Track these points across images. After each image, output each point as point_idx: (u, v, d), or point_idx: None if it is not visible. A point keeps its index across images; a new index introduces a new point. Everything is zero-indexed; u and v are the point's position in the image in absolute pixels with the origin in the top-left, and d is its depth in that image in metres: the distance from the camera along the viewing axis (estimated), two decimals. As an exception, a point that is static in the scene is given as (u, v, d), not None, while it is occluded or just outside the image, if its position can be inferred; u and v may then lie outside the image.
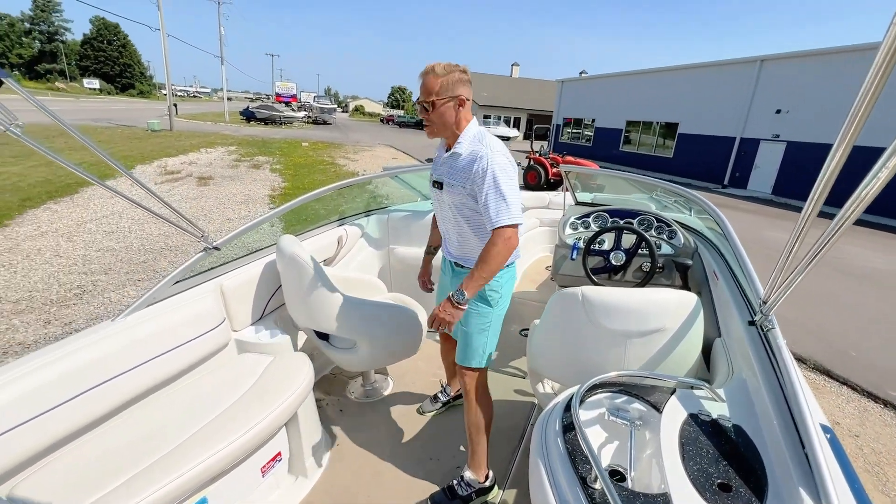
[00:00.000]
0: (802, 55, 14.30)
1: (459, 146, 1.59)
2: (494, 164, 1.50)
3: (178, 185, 9.66)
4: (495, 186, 1.49)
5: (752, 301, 1.43)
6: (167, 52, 21.09)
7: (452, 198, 1.63)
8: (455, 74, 1.53)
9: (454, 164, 1.61)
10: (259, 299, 2.10)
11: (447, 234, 1.79)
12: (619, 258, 2.42)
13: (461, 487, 1.80)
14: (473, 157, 1.54)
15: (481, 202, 1.52)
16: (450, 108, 1.55)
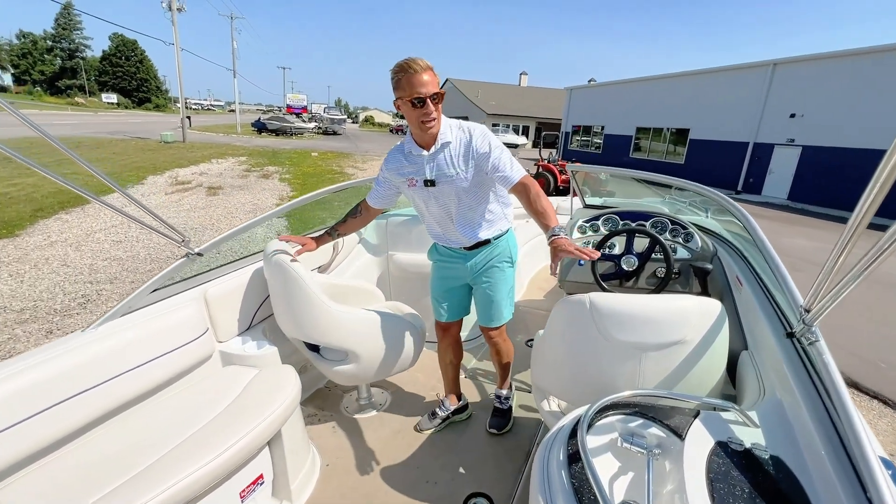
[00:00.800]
0: (817, 58, 14.03)
1: (445, 136, 1.69)
2: (486, 134, 1.69)
3: (187, 195, 9.73)
4: (500, 150, 1.68)
5: (785, 311, 1.28)
6: (181, 66, 21.52)
7: (454, 185, 1.72)
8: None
9: (448, 152, 1.70)
10: (247, 309, 1.99)
11: (457, 224, 1.83)
12: (631, 263, 2.27)
13: (503, 402, 2.23)
14: (466, 138, 1.69)
15: (492, 166, 1.66)
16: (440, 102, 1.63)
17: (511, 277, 1.97)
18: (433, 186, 1.74)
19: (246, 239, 6.52)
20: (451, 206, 1.79)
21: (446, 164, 1.70)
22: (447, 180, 1.71)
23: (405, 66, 1.53)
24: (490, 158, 1.66)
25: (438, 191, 1.75)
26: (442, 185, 1.73)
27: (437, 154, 1.71)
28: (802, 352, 1.05)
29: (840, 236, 0.85)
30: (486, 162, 1.67)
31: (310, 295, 1.74)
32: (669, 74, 19.84)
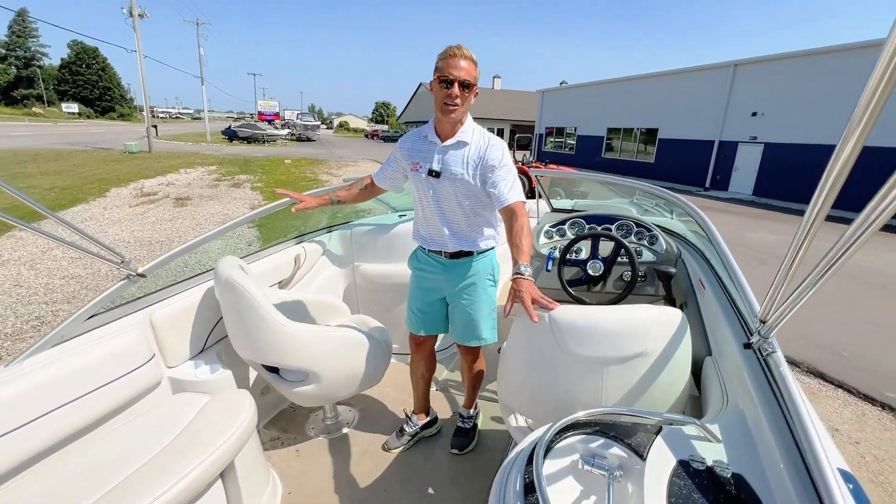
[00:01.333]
0: (775, 58, 14.63)
1: (465, 135, 1.69)
2: (504, 150, 1.71)
3: (153, 207, 9.39)
4: (508, 169, 1.68)
5: (745, 317, 1.27)
6: (144, 74, 20.84)
7: (458, 185, 1.69)
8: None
9: (461, 151, 1.69)
10: (199, 331, 1.86)
11: (447, 225, 1.78)
12: (596, 268, 2.26)
13: (465, 422, 2.15)
14: (485, 144, 1.70)
15: (493, 182, 1.65)
16: (472, 99, 1.65)
17: (492, 298, 1.89)
18: (436, 178, 1.71)
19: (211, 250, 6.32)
20: (447, 205, 1.75)
21: (457, 162, 1.69)
22: (452, 178, 1.69)
23: (448, 49, 1.59)
24: (495, 171, 1.66)
25: (440, 185, 1.72)
26: (445, 180, 1.70)
27: (451, 148, 1.70)
28: (762, 362, 1.04)
29: (789, 246, 0.84)
30: (491, 173, 1.66)
31: (264, 315, 1.64)
32: (638, 76, 20.35)
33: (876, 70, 0.54)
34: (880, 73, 0.53)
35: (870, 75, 0.55)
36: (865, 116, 0.58)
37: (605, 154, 22.49)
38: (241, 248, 6.59)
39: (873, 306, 5.28)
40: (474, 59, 1.60)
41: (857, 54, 12.38)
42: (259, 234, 7.34)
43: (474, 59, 1.60)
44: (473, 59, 1.60)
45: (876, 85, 0.54)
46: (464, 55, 1.57)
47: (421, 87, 48.01)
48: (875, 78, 0.54)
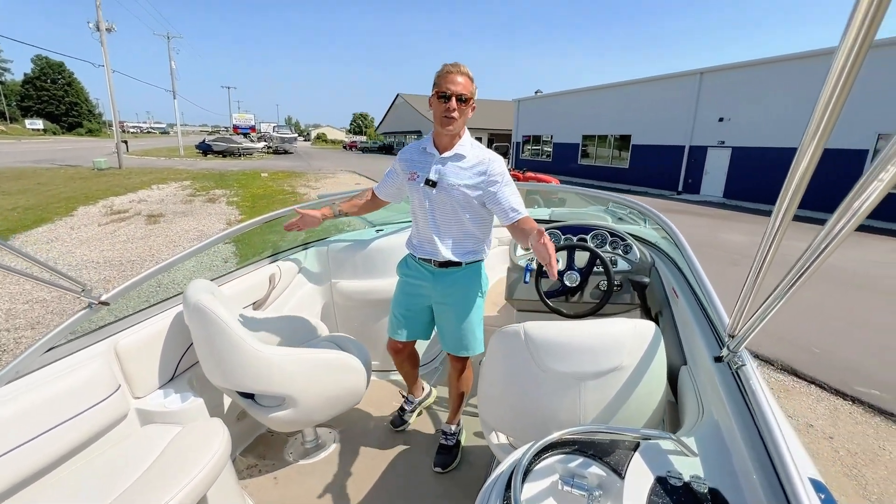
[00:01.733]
0: (738, 66, 15.25)
1: (463, 148, 1.76)
2: (504, 167, 1.78)
3: (124, 225, 9.10)
4: (511, 186, 1.76)
5: (717, 328, 1.29)
6: (112, 89, 20.33)
7: (453, 196, 1.74)
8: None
9: (458, 163, 1.76)
10: (168, 358, 1.79)
11: (439, 234, 1.83)
12: (573, 279, 2.27)
13: (448, 439, 2.12)
14: (485, 159, 1.76)
15: (495, 197, 1.73)
16: (469, 112, 1.72)
17: (481, 308, 1.96)
18: (432, 188, 1.77)
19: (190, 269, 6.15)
20: (441, 215, 1.81)
21: (455, 173, 1.75)
22: (448, 188, 1.75)
23: (445, 66, 1.68)
24: (499, 186, 1.73)
25: (436, 194, 1.77)
26: (442, 190, 1.76)
27: (449, 160, 1.77)
28: (733, 374, 1.05)
29: (754, 258, 0.85)
30: (495, 188, 1.73)
31: (236, 340, 1.59)
32: (610, 84, 20.89)
33: (831, 74, 0.54)
34: (835, 79, 0.54)
35: (825, 79, 0.56)
36: (823, 122, 0.59)
37: (581, 160, 22.93)
38: (217, 266, 6.44)
39: (841, 303, 5.48)
40: (471, 76, 1.69)
41: (816, 61, 13.00)
42: (236, 249, 7.18)
43: (471, 76, 1.69)
44: (470, 76, 1.68)
45: (832, 90, 0.55)
46: (460, 71, 1.66)
47: (398, 98, 48.20)
48: (831, 82, 0.55)
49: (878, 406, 3.15)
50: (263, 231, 7.85)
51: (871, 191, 0.57)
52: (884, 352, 4.08)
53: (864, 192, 0.58)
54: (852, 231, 0.63)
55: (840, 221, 0.63)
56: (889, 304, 5.56)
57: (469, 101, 1.68)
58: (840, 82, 0.53)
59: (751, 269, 0.86)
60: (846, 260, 7.70)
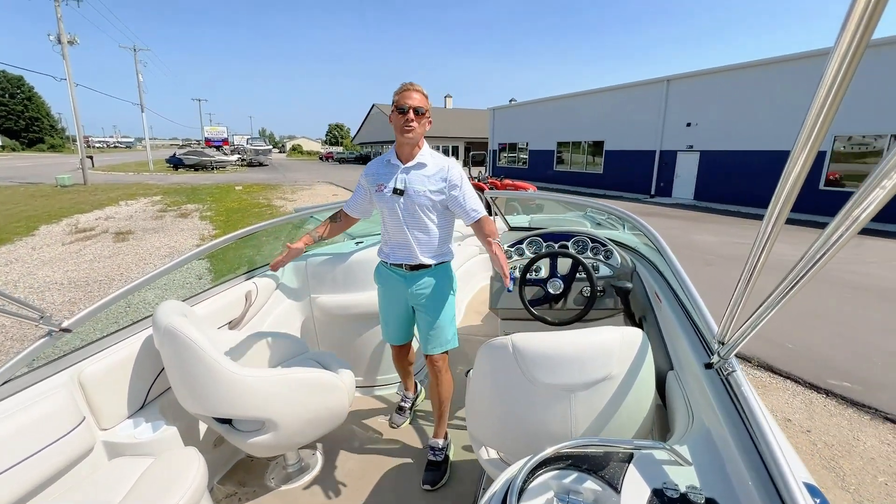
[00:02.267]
0: (702, 73, 15.85)
1: (424, 157, 1.92)
2: (461, 171, 1.94)
3: (90, 243, 8.74)
4: (470, 188, 1.94)
5: (703, 333, 1.29)
6: (76, 103, 19.64)
7: (420, 201, 1.88)
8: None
9: (421, 171, 1.90)
10: (137, 385, 1.70)
11: (409, 239, 1.94)
12: (556, 286, 2.28)
13: (437, 455, 2.10)
14: (444, 166, 1.92)
15: (457, 200, 1.90)
16: (426, 125, 1.90)
17: (452, 306, 2.06)
18: (400, 196, 1.90)
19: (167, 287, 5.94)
20: (410, 221, 1.93)
21: (418, 180, 1.89)
22: (415, 195, 1.88)
23: (403, 85, 1.87)
24: (459, 189, 1.91)
25: (404, 202, 1.90)
26: (409, 197, 1.89)
27: (412, 169, 1.91)
28: (724, 382, 1.05)
29: (745, 264, 0.85)
30: (456, 191, 1.90)
31: (210, 364, 1.51)
32: (582, 92, 21.40)
33: (825, 79, 0.52)
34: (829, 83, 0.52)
35: (818, 83, 0.53)
36: (816, 127, 0.57)
37: (557, 167, 23.33)
38: (191, 283, 6.23)
39: (810, 298, 5.69)
40: (425, 93, 1.87)
41: (778, 67, 13.63)
42: (210, 265, 6.98)
43: (425, 93, 1.87)
44: (424, 93, 1.87)
45: (825, 95, 0.53)
46: (415, 89, 1.84)
47: (374, 109, 48.21)
48: (825, 87, 0.52)
49: (850, 398, 3.26)
50: (239, 246, 7.65)
51: (871, 199, 0.55)
52: (850, 343, 4.24)
53: (864, 199, 0.55)
54: (851, 239, 0.61)
55: (839, 229, 0.61)
56: (854, 297, 5.81)
57: (425, 113, 1.86)
58: (834, 87, 0.52)
59: (741, 275, 0.86)
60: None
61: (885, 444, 2.77)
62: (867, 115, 11.64)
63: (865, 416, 3.08)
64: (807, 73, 12.70)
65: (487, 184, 12.52)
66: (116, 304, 1.80)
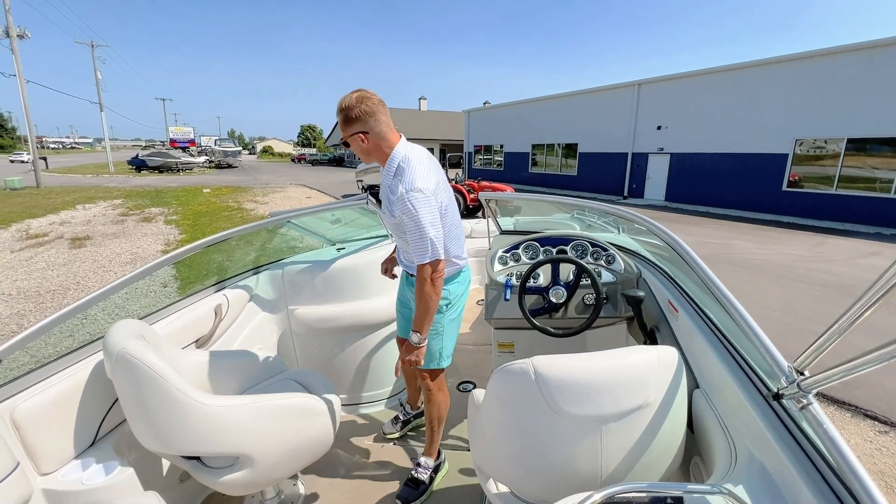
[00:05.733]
0: (672, 77, 16.30)
1: (390, 165, 1.68)
2: (408, 195, 1.56)
3: (43, 250, 8.15)
4: (409, 219, 1.57)
5: (757, 356, 1.16)
6: (27, 100, 18.47)
7: (391, 211, 1.70)
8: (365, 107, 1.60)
9: (387, 182, 1.72)
10: (85, 419, 1.46)
11: (401, 247, 1.92)
12: (559, 294, 2.14)
13: (421, 473, 1.97)
14: (393, 177, 1.65)
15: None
16: (363, 143, 1.65)
17: (439, 326, 1.84)
18: (380, 206, 1.89)
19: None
20: (393, 229, 1.86)
21: (385, 189, 1.77)
22: (386, 204, 1.77)
23: None
24: (399, 215, 1.62)
25: (384, 211, 1.82)
26: (385, 208, 1.79)
27: (384, 180, 1.76)
28: (790, 414, 0.95)
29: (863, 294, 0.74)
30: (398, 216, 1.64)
31: (172, 394, 1.30)
32: (555, 95, 21.67)
33: None
34: None
35: None
36: None
37: (532, 169, 23.54)
38: (156, 292, 5.86)
39: (773, 292, 5.86)
40: (344, 111, 1.61)
41: (746, 72, 14.14)
42: (176, 272, 6.59)
43: (344, 111, 1.61)
44: (343, 108, 1.61)
45: None
46: (338, 112, 1.63)
47: (347, 110, 47.44)
48: None
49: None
50: (209, 251, 7.28)
51: None
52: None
53: None
54: None
55: None
56: (807, 290, 6.06)
57: (352, 136, 1.64)
58: None
59: (854, 305, 0.75)
60: (777, 255, 8.31)
61: None
62: (824, 120, 12.22)
63: (831, 405, 3.11)
64: (773, 77, 13.23)
65: (465, 186, 12.45)
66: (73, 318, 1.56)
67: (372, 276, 2.52)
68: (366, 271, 2.51)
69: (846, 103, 11.80)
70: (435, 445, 2.01)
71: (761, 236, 10.36)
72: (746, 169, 14.02)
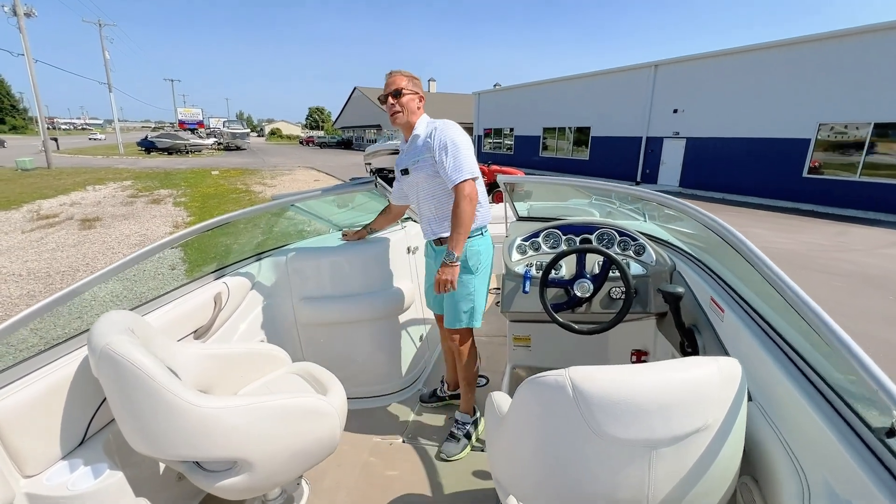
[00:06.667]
0: (692, 58, 15.72)
1: (418, 129, 1.94)
2: (446, 133, 1.84)
3: (53, 231, 8.17)
4: (447, 150, 1.81)
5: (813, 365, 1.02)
6: (35, 79, 18.43)
7: (419, 176, 1.92)
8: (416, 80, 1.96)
9: (414, 146, 1.93)
10: (73, 417, 1.35)
11: (423, 215, 2.02)
12: (585, 288, 1.96)
13: (460, 428, 2.13)
14: (433, 131, 1.88)
15: (441, 165, 1.82)
16: (413, 102, 1.92)
17: (467, 283, 1.96)
18: (406, 175, 1.98)
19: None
20: (422, 196, 1.97)
21: (414, 153, 1.92)
22: (414, 170, 1.93)
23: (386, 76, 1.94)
24: (437, 152, 1.82)
25: (410, 180, 1.98)
26: (412, 174, 1.95)
27: (411, 144, 1.96)
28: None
29: None
30: (440, 154, 1.81)
31: (164, 396, 1.19)
32: (568, 77, 21.11)
33: None
34: None
35: None
36: None
37: (542, 153, 23.12)
38: (164, 273, 5.83)
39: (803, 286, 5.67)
40: (403, 73, 1.92)
41: (769, 52, 13.58)
42: (184, 254, 6.56)
43: (403, 73, 1.92)
44: (402, 73, 1.92)
45: None
46: (391, 75, 1.92)
47: (356, 92, 46.99)
48: None
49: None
50: (215, 234, 7.23)
51: None
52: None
53: None
54: None
55: None
56: (828, 281, 5.90)
57: (403, 92, 1.88)
58: None
59: None
60: (797, 244, 8.06)
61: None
62: (850, 104, 11.72)
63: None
64: (797, 59, 12.69)
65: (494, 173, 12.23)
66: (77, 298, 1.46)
67: (382, 263, 2.41)
68: (376, 257, 2.39)
69: (873, 87, 11.28)
70: (470, 403, 2.17)
71: (780, 224, 10.07)
72: (765, 154, 13.57)
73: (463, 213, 1.77)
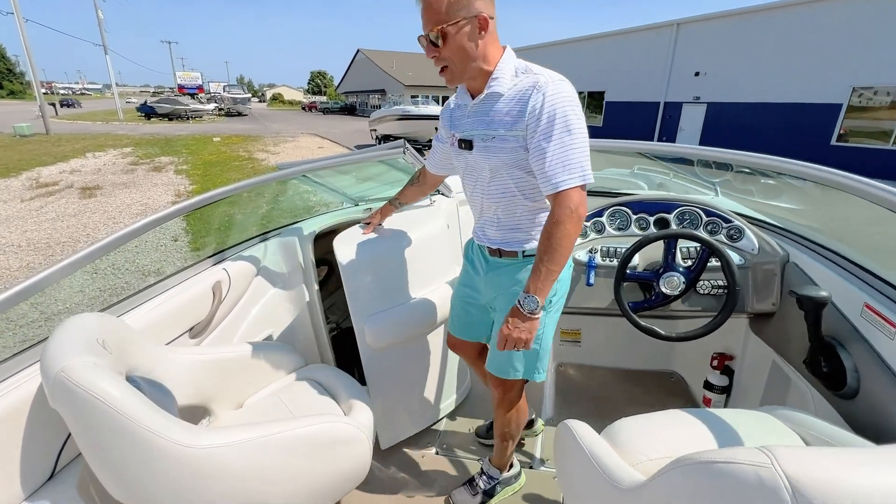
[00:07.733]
0: (717, 16, 14.74)
1: (499, 83, 1.16)
2: (557, 104, 1.08)
3: (53, 199, 7.93)
4: (554, 132, 1.08)
5: None
6: (27, 39, 17.74)
7: (493, 159, 1.20)
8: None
9: (493, 109, 1.18)
10: (38, 445, 1.07)
11: (481, 210, 1.35)
12: (674, 284, 1.58)
13: (485, 482, 1.63)
14: (525, 93, 1.12)
15: (536, 151, 1.11)
16: (460, 45, 1.12)
17: (539, 329, 1.28)
18: (468, 151, 1.25)
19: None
20: (485, 186, 1.28)
21: (488, 122, 1.19)
22: (484, 146, 1.21)
23: None
24: (538, 133, 1.10)
25: (473, 159, 1.26)
26: (478, 151, 1.23)
27: (481, 106, 1.21)
28: None
29: None
30: (539, 135, 1.10)
31: (139, 434, 0.91)
32: (582, 37, 20.07)
33: None
34: None
35: None
36: None
37: (554, 119, 22.35)
38: (165, 245, 5.60)
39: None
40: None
41: (800, 9, 12.67)
42: (186, 225, 6.31)
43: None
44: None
45: None
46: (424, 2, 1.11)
47: (359, 54, 45.33)
48: None
49: None
50: (219, 203, 6.95)
51: None
52: None
53: None
54: None
55: None
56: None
57: (444, 35, 1.10)
58: None
59: None
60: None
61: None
62: (888, 66, 10.96)
63: None
64: (831, 16, 11.81)
65: None
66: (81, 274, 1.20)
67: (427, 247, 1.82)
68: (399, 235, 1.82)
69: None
70: (504, 458, 1.63)
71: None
72: (791, 120, 12.89)
73: (563, 238, 1.09)
